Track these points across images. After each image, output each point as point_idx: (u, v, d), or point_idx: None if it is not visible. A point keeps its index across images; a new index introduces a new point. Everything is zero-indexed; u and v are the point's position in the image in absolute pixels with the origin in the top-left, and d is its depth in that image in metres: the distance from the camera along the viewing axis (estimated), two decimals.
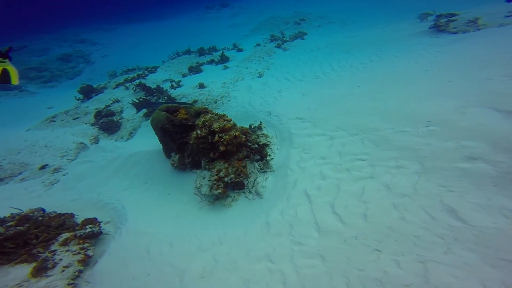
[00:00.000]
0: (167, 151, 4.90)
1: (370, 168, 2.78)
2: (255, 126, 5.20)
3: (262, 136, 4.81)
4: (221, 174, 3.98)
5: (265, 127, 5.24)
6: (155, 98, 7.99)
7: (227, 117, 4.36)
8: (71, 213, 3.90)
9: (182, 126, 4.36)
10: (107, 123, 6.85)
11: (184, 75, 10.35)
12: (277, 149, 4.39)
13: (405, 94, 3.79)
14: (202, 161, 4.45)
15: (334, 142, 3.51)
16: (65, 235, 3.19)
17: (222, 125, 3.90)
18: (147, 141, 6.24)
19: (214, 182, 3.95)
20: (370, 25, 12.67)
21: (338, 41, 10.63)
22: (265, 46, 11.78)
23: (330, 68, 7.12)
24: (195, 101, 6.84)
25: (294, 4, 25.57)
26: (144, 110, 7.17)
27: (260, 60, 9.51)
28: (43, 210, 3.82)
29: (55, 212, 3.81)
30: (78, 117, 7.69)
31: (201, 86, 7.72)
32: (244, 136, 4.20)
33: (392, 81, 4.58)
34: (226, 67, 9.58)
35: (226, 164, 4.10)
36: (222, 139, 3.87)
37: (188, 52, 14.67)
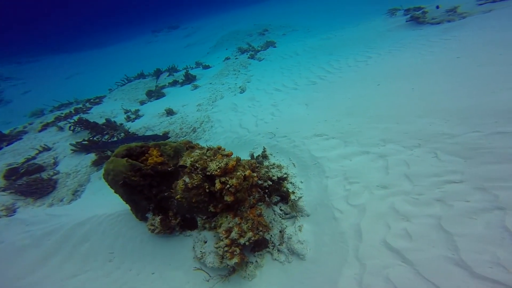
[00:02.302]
0: (139, 211, 3.63)
1: (481, 194, 2.04)
2: (259, 155, 4.31)
3: (274, 168, 3.91)
4: (234, 235, 2.90)
5: (271, 155, 4.37)
6: (106, 137, 6.61)
7: (224, 150, 3.39)
8: None
9: (158, 174, 3.23)
10: (31, 183, 5.20)
11: (142, 102, 9.16)
12: (301, 182, 3.50)
13: (455, 87, 3.37)
14: (198, 219, 3.33)
15: (389, 162, 2.78)
16: None
17: (223, 165, 2.90)
18: (104, 200, 4.85)
19: (226, 248, 2.87)
20: (337, 28, 13.49)
21: (315, 45, 10.81)
22: (236, 58, 11.45)
23: (324, 71, 6.81)
24: (166, 134, 5.71)
25: (250, 18, 27.57)
26: (92, 156, 5.73)
27: (237, 74, 8.95)
28: None
29: None
30: None
31: (170, 112, 6.65)
32: (255, 175, 3.24)
33: (418, 75, 4.24)
34: (196, 87, 8.74)
35: (236, 218, 3.06)
36: (228, 186, 2.85)
37: (141, 75, 13.80)
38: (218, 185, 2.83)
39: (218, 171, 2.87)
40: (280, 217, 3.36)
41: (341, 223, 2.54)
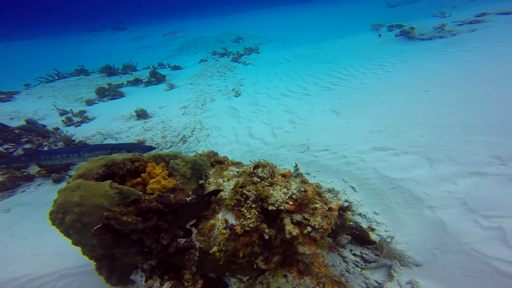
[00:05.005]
0: (116, 272, 2.23)
1: None
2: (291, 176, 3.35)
3: (325, 193, 2.99)
4: None
5: (308, 174, 3.45)
6: (26, 146, 4.77)
7: (282, 168, 2.37)
8: None
9: (171, 210, 1.99)
10: None
11: (90, 102, 7.30)
12: (376, 213, 2.63)
13: None
14: (233, 280, 2.17)
15: None
16: None
17: (298, 193, 1.87)
18: (17, 248, 3.20)
19: None
20: (321, 40, 13.90)
21: (306, 53, 10.70)
22: (217, 61, 10.53)
23: (333, 77, 6.43)
24: (141, 142, 4.27)
25: (213, 27, 27.90)
26: None
27: (223, 76, 8.00)
28: None
29: None
30: None
31: (142, 114, 5.18)
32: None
33: (478, 81, 4.03)
34: (172, 86, 7.39)
35: (307, 278, 2.06)
36: (309, 229, 1.81)
37: (82, 71, 11.76)
38: (293, 230, 1.76)
39: (291, 204, 1.81)
40: (356, 266, 2.39)
41: None
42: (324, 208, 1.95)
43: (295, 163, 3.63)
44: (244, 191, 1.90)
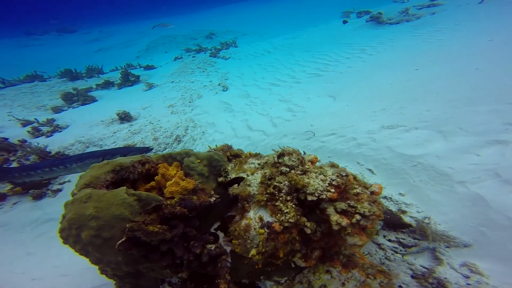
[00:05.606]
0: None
1: None
2: None
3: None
4: None
5: (319, 161, 3.29)
6: None
7: (307, 154, 2.18)
8: None
9: (197, 213, 1.72)
10: None
11: (57, 110, 6.56)
12: (401, 194, 2.55)
13: None
14: (268, 283, 1.97)
15: None
16: None
17: (339, 179, 1.69)
18: None
19: None
20: (295, 30, 13.88)
21: (285, 43, 10.59)
22: (194, 57, 10.08)
23: (319, 64, 6.40)
24: (131, 145, 3.85)
25: (176, 24, 26.87)
26: None
27: (205, 71, 7.65)
28: None
29: None
30: None
31: (126, 117, 4.70)
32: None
33: (459, 58, 4.12)
34: (151, 86, 6.86)
35: (355, 271, 1.93)
36: (359, 218, 1.64)
37: (35, 77, 10.81)
38: (341, 220, 1.57)
39: (333, 191, 1.62)
40: (395, 252, 2.28)
41: None
42: (366, 192, 1.79)
43: (303, 151, 3.46)
44: (275, 183, 1.68)
